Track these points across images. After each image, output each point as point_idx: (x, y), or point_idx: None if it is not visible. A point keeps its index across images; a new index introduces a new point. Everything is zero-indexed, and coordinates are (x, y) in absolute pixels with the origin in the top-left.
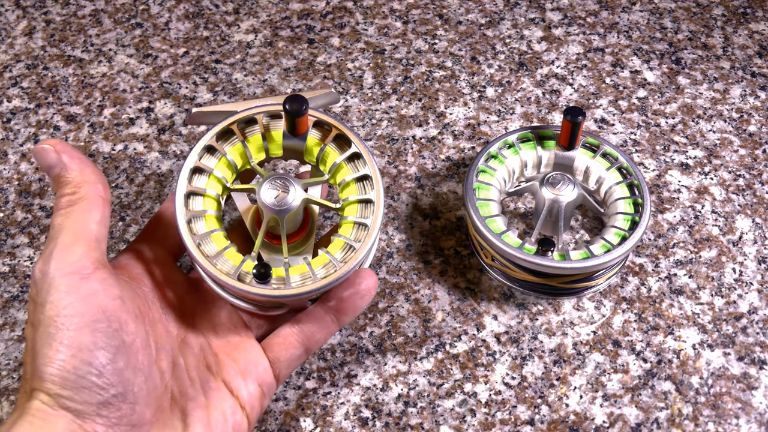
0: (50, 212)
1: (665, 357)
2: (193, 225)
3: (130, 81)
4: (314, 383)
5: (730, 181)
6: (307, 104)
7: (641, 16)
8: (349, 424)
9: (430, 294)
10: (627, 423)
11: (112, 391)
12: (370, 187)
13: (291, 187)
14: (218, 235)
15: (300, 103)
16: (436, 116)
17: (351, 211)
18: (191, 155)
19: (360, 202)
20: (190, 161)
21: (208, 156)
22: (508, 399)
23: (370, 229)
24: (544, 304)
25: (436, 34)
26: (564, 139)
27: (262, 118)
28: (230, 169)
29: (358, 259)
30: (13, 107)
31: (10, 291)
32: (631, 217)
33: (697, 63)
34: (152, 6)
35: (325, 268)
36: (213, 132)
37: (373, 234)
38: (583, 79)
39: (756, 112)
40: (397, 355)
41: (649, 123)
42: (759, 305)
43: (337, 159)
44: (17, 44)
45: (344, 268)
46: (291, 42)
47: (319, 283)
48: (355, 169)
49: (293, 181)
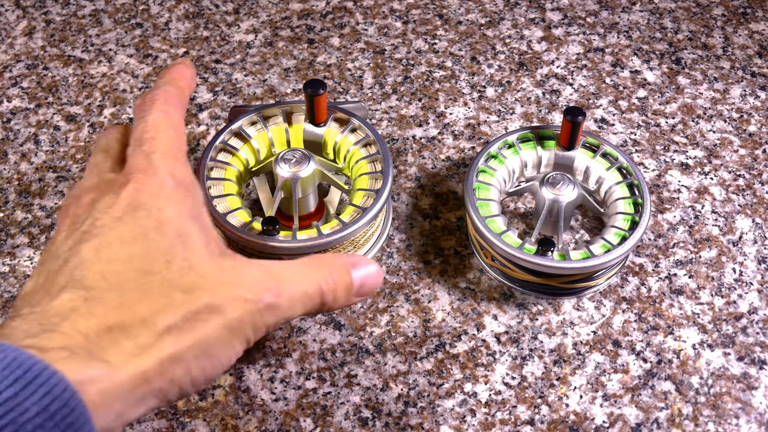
0: (50, 212)
1: (665, 357)
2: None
3: (130, 81)
4: (314, 383)
5: (730, 181)
6: (324, 87)
7: (641, 16)
8: (349, 424)
9: (430, 294)
10: (627, 423)
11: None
12: (379, 164)
13: (306, 157)
14: (234, 199)
15: (318, 86)
16: (436, 116)
17: (362, 183)
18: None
19: (370, 176)
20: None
21: (235, 139)
22: (508, 399)
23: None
24: (544, 304)
25: (436, 34)
26: (564, 139)
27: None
28: (254, 154)
29: (365, 220)
30: (13, 107)
31: (10, 291)
32: (631, 217)
33: (697, 63)
34: (152, 6)
35: (332, 229)
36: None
37: (381, 198)
38: (583, 79)
39: (756, 112)
40: (397, 355)
41: (649, 123)
42: (759, 305)
43: (350, 146)
44: (17, 44)
45: (350, 229)
46: (291, 42)
47: (323, 239)
48: (367, 152)
49: (311, 155)
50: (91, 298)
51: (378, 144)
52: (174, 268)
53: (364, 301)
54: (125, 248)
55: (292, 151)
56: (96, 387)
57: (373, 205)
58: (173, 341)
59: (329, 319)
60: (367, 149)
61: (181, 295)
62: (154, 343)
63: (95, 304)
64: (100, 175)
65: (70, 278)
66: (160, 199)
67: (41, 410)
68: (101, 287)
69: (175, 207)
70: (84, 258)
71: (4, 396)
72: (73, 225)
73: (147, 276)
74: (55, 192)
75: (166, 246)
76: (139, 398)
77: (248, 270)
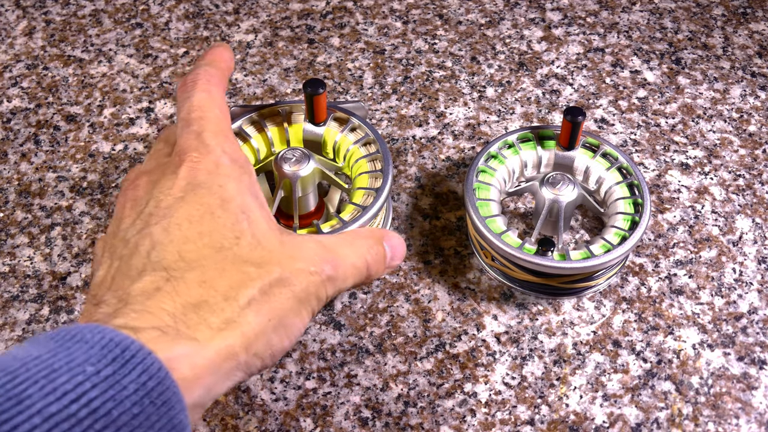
0: (50, 212)
1: (665, 357)
2: None
3: (130, 81)
4: (314, 383)
5: (730, 181)
6: (324, 86)
7: (641, 16)
8: (349, 424)
9: (430, 294)
10: (627, 423)
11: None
12: (379, 162)
13: (307, 156)
14: None
15: (317, 85)
16: (436, 116)
17: (361, 182)
18: None
19: (370, 174)
20: None
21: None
22: (508, 399)
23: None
24: (544, 304)
25: (436, 34)
26: (564, 139)
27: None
28: (254, 154)
29: (364, 218)
30: (13, 107)
31: (10, 291)
32: (631, 217)
33: (697, 63)
34: (152, 6)
35: (332, 227)
36: (241, 120)
37: (381, 196)
38: (583, 79)
39: (756, 112)
40: (397, 355)
41: (649, 123)
42: (759, 305)
43: (350, 146)
44: (17, 44)
45: (351, 227)
46: (291, 42)
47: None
48: (367, 150)
49: (311, 154)
50: (173, 278)
51: (378, 143)
52: (243, 243)
53: (364, 301)
54: (194, 227)
55: (291, 150)
56: (187, 364)
57: (373, 204)
58: (254, 315)
59: (329, 319)
60: (367, 148)
61: (254, 269)
62: (237, 317)
63: (178, 283)
64: (158, 159)
65: (148, 260)
66: (219, 176)
67: (139, 387)
68: (181, 267)
69: (235, 183)
70: (157, 240)
71: (104, 374)
72: (135, 208)
73: (220, 252)
74: (55, 192)
75: (233, 222)
76: (226, 372)
77: (307, 244)
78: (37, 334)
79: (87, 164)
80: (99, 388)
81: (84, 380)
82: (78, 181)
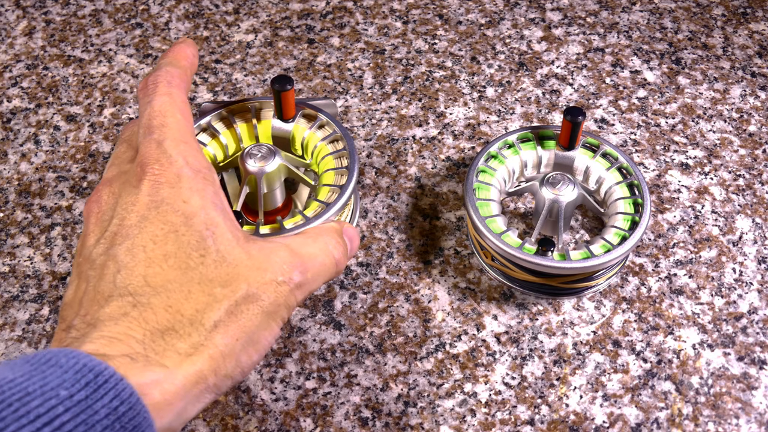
0: (50, 212)
1: (665, 357)
2: None
3: (130, 81)
4: (314, 383)
5: (730, 181)
6: (291, 82)
7: (641, 16)
8: (349, 424)
9: (430, 294)
10: (627, 423)
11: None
12: (345, 159)
13: (272, 153)
14: None
15: (284, 81)
16: (436, 116)
17: (327, 179)
18: None
19: (336, 171)
20: None
21: (204, 135)
22: (508, 399)
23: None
24: (544, 304)
25: (436, 34)
26: (564, 139)
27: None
28: (222, 150)
29: (328, 215)
30: (13, 107)
31: (10, 291)
32: (631, 217)
33: (697, 63)
34: (152, 6)
35: (295, 224)
36: (210, 116)
37: (345, 193)
38: (583, 79)
39: (756, 112)
40: (397, 355)
41: (649, 123)
42: (759, 305)
43: (318, 142)
44: (17, 44)
45: (314, 224)
46: (291, 42)
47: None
48: (334, 147)
49: (277, 150)
50: (139, 304)
51: (345, 140)
52: (209, 261)
53: (364, 301)
54: (159, 248)
55: (258, 147)
56: (157, 390)
57: (336, 200)
58: (221, 337)
59: (329, 319)
60: (334, 145)
61: (220, 289)
62: (205, 341)
63: (144, 309)
64: (120, 166)
65: (114, 285)
66: (182, 190)
67: (110, 412)
68: (146, 292)
69: (198, 197)
70: (122, 263)
71: (76, 398)
72: (99, 224)
73: (186, 273)
74: (55, 192)
75: (198, 240)
76: (196, 396)
77: (275, 252)
78: (36, 333)
79: (87, 164)
80: (71, 412)
81: (57, 404)
82: (78, 181)
